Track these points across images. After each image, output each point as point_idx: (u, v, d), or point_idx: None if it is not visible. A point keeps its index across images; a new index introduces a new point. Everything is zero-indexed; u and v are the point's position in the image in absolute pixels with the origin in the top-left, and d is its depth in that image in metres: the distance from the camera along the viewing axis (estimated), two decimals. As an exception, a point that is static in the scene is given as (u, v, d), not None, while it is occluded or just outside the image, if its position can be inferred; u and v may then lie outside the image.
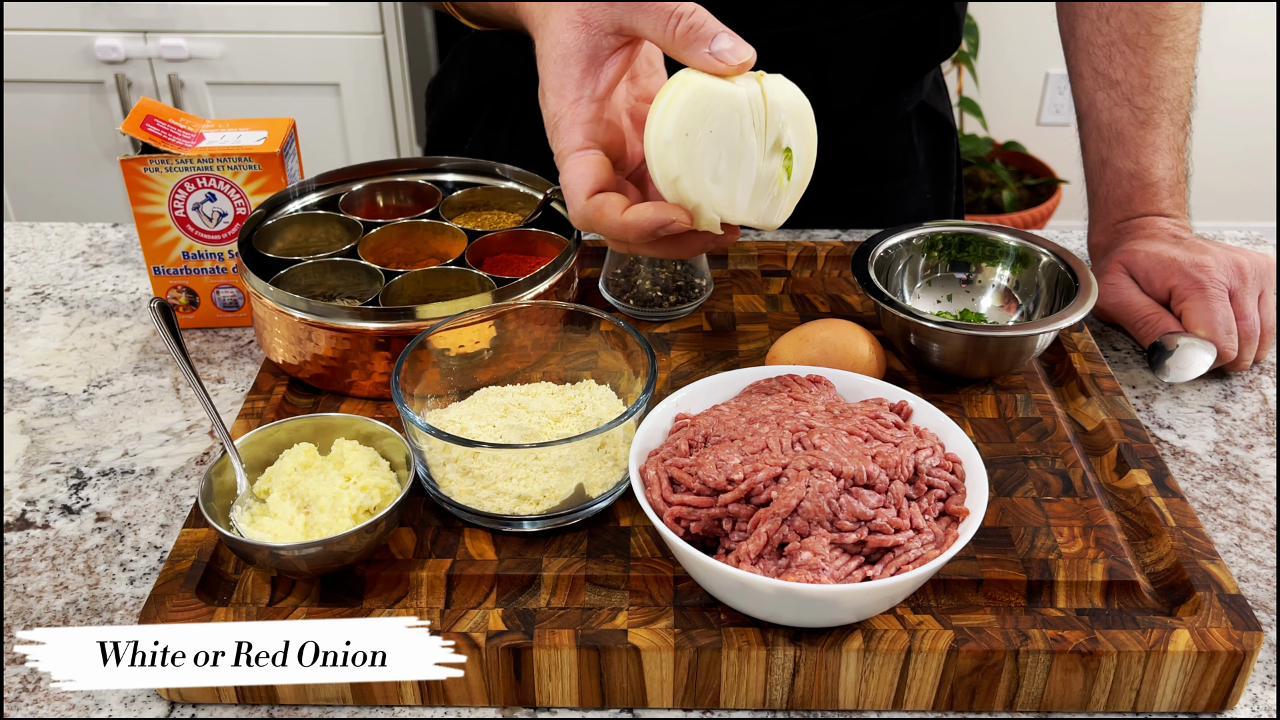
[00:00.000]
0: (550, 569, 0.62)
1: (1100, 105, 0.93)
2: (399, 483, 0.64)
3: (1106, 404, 0.75)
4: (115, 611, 0.64)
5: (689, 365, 0.80)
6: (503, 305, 0.73)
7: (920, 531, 0.58)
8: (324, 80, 2.24)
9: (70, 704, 0.59)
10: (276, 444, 0.66)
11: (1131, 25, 0.91)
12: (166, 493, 0.73)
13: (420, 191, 0.92)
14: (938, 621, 0.59)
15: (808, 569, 0.55)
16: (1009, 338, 0.75)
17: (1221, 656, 0.57)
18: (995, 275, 0.85)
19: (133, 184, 0.84)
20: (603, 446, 0.65)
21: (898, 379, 0.79)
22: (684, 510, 0.58)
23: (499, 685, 0.58)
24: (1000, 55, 2.69)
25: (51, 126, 2.29)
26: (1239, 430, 0.79)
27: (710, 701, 0.59)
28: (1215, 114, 2.59)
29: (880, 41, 0.96)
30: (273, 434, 0.66)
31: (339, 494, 0.62)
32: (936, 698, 0.59)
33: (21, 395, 0.83)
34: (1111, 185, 0.92)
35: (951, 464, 0.62)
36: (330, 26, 2.19)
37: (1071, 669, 0.58)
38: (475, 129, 1.11)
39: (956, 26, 1.02)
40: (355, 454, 0.65)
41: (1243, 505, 0.72)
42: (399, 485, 0.64)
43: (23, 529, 0.70)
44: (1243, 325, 0.82)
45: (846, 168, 1.05)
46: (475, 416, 0.69)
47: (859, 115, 1.02)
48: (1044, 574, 0.61)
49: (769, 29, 0.92)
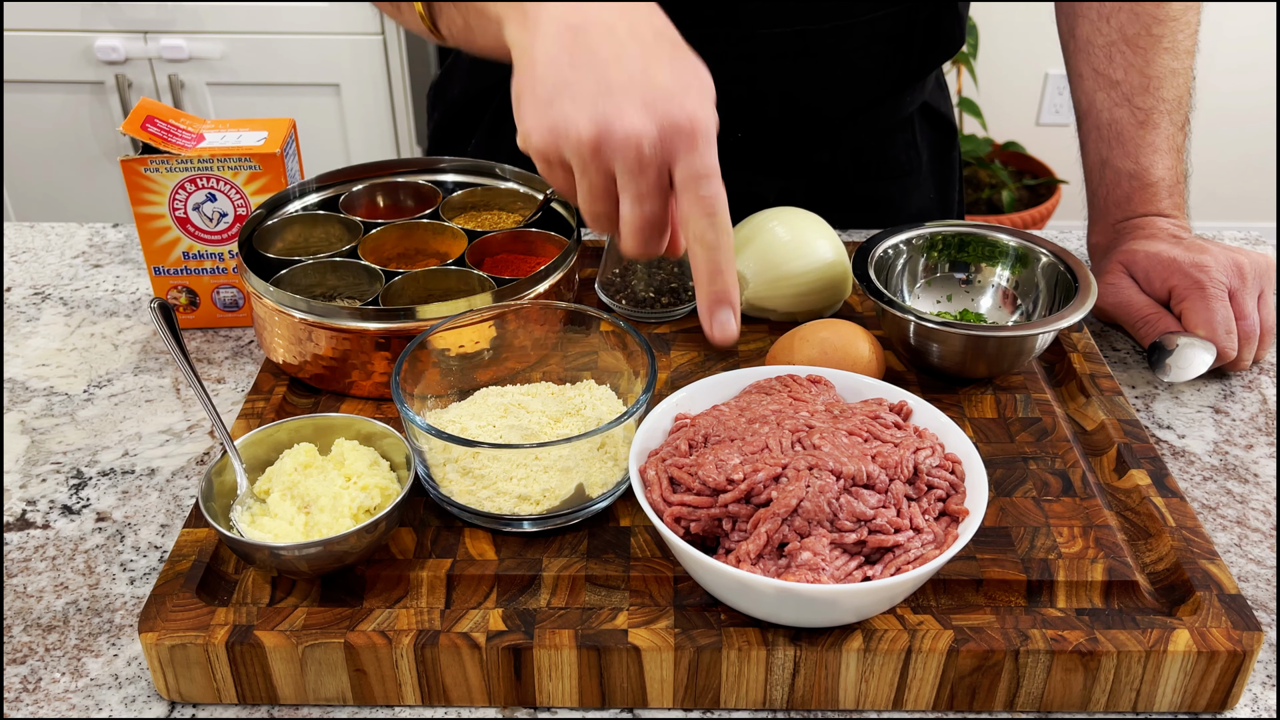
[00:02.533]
0: (550, 569, 0.62)
1: (1100, 106, 0.93)
2: (399, 483, 0.64)
3: (1106, 404, 0.75)
4: (115, 611, 0.64)
5: (689, 365, 0.80)
6: (503, 305, 0.73)
7: (920, 531, 0.58)
8: (324, 80, 2.24)
9: (70, 704, 0.59)
10: (277, 444, 0.66)
11: (1131, 26, 0.91)
12: (167, 493, 0.73)
13: (420, 192, 0.92)
14: (938, 621, 0.59)
15: (808, 569, 0.55)
16: (1009, 338, 0.75)
17: (1221, 656, 0.57)
18: (995, 275, 0.85)
19: (133, 184, 0.84)
20: (603, 446, 0.65)
21: (898, 379, 0.79)
22: (684, 510, 0.58)
23: (499, 685, 0.58)
24: (1000, 55, 2.69)
25: (52, 127, 2.29)
26: (1239, 430, 0.79)
27: (710, 701, 0.59)
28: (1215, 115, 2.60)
29: (886, 41, 0.96)
30: (273, 434, 0.66)
31: (339, 494, 0.62)
32: (936, 698, 0.59)
33: (22, 395, 0.83)
34: (1111, 185, 0.92)
35: (951, 464, 0.62)
36: (330, 27, 2.19)
37: (1071, 669, 0.58)
38: (478, 133, 1.11)
39: (960, 25, 1.02)
40: (356, 454, 0.65)
41: (1242, 505, 0.72)
42: (399, 485, 0.64)
43: (23, 529, 0.70)
44: (1242, 325, 0.82)
45: (850, 167, 1.05)
46: (475, 416, 0.69)
47: (863, 115, 1.02)
48: (1044, 574, 0.62)
49: (777, 28, 0.92)
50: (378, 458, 0.66)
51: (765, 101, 0.97)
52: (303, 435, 0.67)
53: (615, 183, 0.62)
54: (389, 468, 0.65)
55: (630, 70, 0.61)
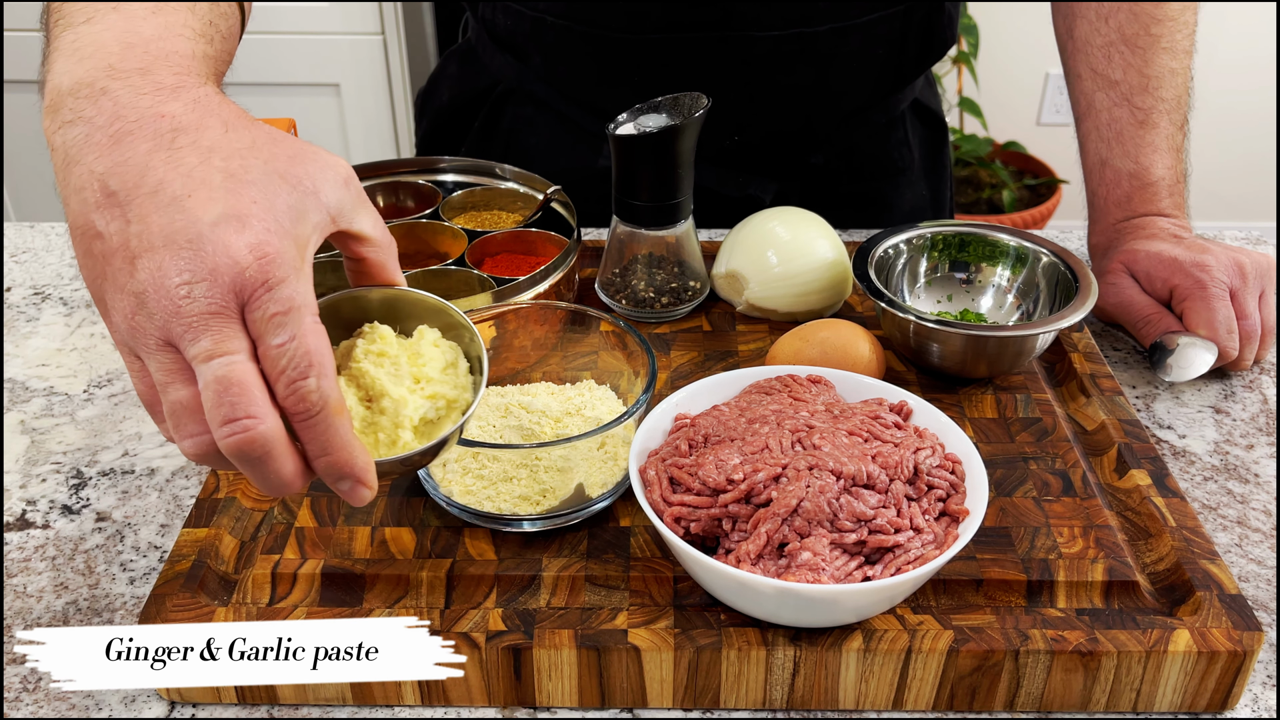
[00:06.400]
0: (550, 569, 0.62)
1: (1099, 106, 0.93)
2: (473, 390, 0.58)
3: (1106, 404, 0.75)
4: (115, 611, 0.64)
5: (689, 365, 0.80)
6: (503, 305, 0.73)
7: (920, 531, 0.58)
8: (324, 80, 2.24)
9: (70, 704, 0.59)
10: (360, 309, 0.59)
11: (1130, 26, 0.91)
12: (166, 493, 0.73)
13: (420, 191, 0.92)
14: (938, 621, 0.59)
15: (808, 569, 0.55)
16: (1009, 338, 0.75)
17: (1222, 656, 0.57)
18: (995, 275, 0.85)
19: (133, 184, 0.83)
20: (603, 446, 0.65)
21: (898, 379, 0.79)
22: (684, 510, 0.58)
23: (499, 685, 0.58)
24: (1000, 55, 2.69)
25: (52, 127, 2.29)
26: (1239, 430, 0.79)
27: (710, 701, 0.59)
28: (1215, 114, 2.60)
29: (882, 42, 0.96)
30: (361, 297, 0.59)
31: (404, 399, 0.56)
32: (936, 698, 0.59)
33: (22, 395, 0.83)
34: (1111, 185, 0.92)
35: (951, 464, 0.62)
36: (330, 27, 2.19)
37: (1071, 669, 0.58)
38: (467, 140, 1.10)
39: (952, 26, 1.02)
40: (434, 351, 0.58)
41: (1243, 505, 0.72)
42: (471, 394, 0.58)
43: (23, 529, 0.70)
44: (1243, 325, 0.82)
45: (843, 166, 1.05)
46: (475, 416, 0.69)
47: (855, 113, 1.02)
48: (1044, 574, 0.61)
49: (773, 30, 0.92)
50: (459, 356, 0.59)
51: (760, 104, 0.97)
52: (385, 308, 0.60)
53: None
54: (466, 369, 0.59)
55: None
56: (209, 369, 0.47)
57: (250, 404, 0.47)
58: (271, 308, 0.48)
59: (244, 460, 0.48)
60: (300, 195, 0.52)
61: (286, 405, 0.49)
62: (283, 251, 0.49)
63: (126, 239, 0.49)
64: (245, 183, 0.50)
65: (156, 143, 0.50)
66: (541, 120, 1.04)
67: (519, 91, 1.04)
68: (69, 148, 0.51)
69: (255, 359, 0.49)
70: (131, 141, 0.50)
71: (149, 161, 0.50)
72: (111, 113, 0.51)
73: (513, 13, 0.98)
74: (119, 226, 0.49)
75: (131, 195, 0.49)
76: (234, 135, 0.52)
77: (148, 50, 0.54)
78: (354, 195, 0.55)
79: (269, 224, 0.49)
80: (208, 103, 0.53)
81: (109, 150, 0.50)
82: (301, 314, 0.49)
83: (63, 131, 0.52)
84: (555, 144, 1.04)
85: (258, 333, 0.49)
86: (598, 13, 0.93)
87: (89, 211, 0.50)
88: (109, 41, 0.54)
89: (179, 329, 0.48)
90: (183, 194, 0.49)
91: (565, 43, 0.96)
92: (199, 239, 0.48)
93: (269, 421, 0.48)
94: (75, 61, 0.53)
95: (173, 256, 0.48)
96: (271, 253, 0.49)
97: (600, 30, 0.94)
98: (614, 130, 0.78)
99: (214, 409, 0.47)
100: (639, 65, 0.95)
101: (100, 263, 0.50)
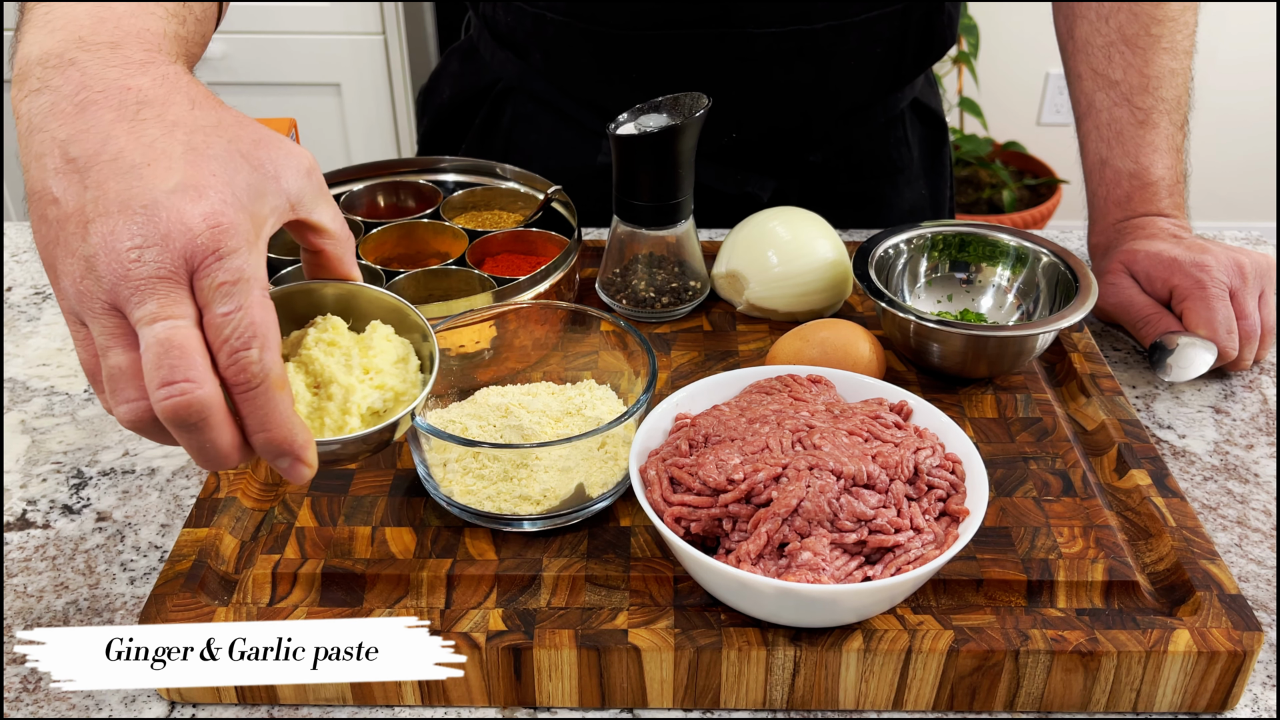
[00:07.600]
0: (550, 569, 0.62)
1: (1099, 105, 0.93)
2: (421, 386, 0.59)
3: (1106, 404, 0.75)
4: (115, 611, 0.64)
5: (689, 365, 0.80)
6: (503, 305, 0.73)
7: (920, 531, 0.58)
8: (324, 80, 2.24)
9: (70, 704, 0.59)
10: (312, 305, 0.60)
11: (1130, 26, 0.91)
12: (167, 492, 0.73)
13: (421, 191, 0.92)
14: (938, 621, 0.59)
15: (808, 569, 0.55)
16: (1009, 338, 0.75)
17: (1222, 657, 0.57)
18: (995, 275, 0.85)
19: (133, 184, 0.84)
20: (603, 446, 0.65)
21: (898, 379, 0.79)
22: (684, 510, 0.58)
23: (499, 685, 0.58)
24: (1000, 55, 2.69)
25: (52, 127, 2.29)
26: (1239, 430, 0.79)
27: (710, 702, 0.59)
28: (1215, 114, 2.60)
29: (881, 40, 0.96)
30: (319, 290, 0.59)
31: (353, 387, 0.56)
32: (936, 698, 0.59)
33: (22, 395, 0.83)
34: (1111, 185, 0.92)
35: (951, 464, 0.62)
36: (331, 26, 2.19)
37: (1071, 669, 0.58)
38: (468, 138, 1.11)
39: (952, 25, 1.02)
40: (388, 345, 0.59)
41: (1243, 505, 0.72)
42: (420, 390, 0.58)
43: (23, 529, 0.70)
44: (1243, 325, 0.82)
45: (842, 165, 1.05)
46: (475, 416, 0.69)
47: (854, 112, 1.02)
48: (1044, 574, 0.61)
49: (771, 27, 0.92)
50: (410, 353, 0.60)
51: (759, 101, 0.97)
52: (340, 304, 0.60)
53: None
54: (417, 367, 0.60)
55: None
56: (151, 331, 0.47)
57: (190, 368, 0.47)
58: (220, 276, 0.48)
59: (179, 426, 0.48)
60: (261, 177, 0.52)
61: (227, 375, 0.49)
62: (237, 224, 0.49)
63: (82, 204, 0.49)
64: (206, 157, 0.50)
65: (120, 113, 0.50)
66: (542, 117, 1.04)
67: (519, 89, 1.04)
68: (33, 115, 0.51)
69: (201, 328, 0.49)
70: (96, 111, 0.50)
71: (111, 131, 0.50)
72: (78, 83, 0.51)
73: (514, 10, 0.98)
74: (76, 192, 0.49)
75: (91, 162, 0.49)
76: (199, 113, 0.53)
77: (119, 25, 0.54)
78: (315, 186, 0.55)
79: (226, 196, 0.49)
80: (175, 80, 0.54)
81: (72, 118, 0.50)
82: (250, 285, 0.49)
83: (29, 100, 0.52)
84: (555, 141, 1.04)
85: (205, 300, 0.48)
86: (598, 9, 0.93)
87: (47, 177, 0.50)
88: (81, 15, 0.54)
89: (126, 291, 0.47)
90: (142, 163, 0.49)
91: (565, 39, 0.97)
92: (154, 205, 0.48)
93: (207, 387, 0.48)
94: (46, 33, 0.53)
95: (126, 221, 0.48)
96: (225, 223, 0.49)
97: (600, 27, 0.94)
98: (614, 130, 0.78)
99: (153, 371, 0.47)
100: (638, 62, 0.95)
101: (54, 228, 0.49)
